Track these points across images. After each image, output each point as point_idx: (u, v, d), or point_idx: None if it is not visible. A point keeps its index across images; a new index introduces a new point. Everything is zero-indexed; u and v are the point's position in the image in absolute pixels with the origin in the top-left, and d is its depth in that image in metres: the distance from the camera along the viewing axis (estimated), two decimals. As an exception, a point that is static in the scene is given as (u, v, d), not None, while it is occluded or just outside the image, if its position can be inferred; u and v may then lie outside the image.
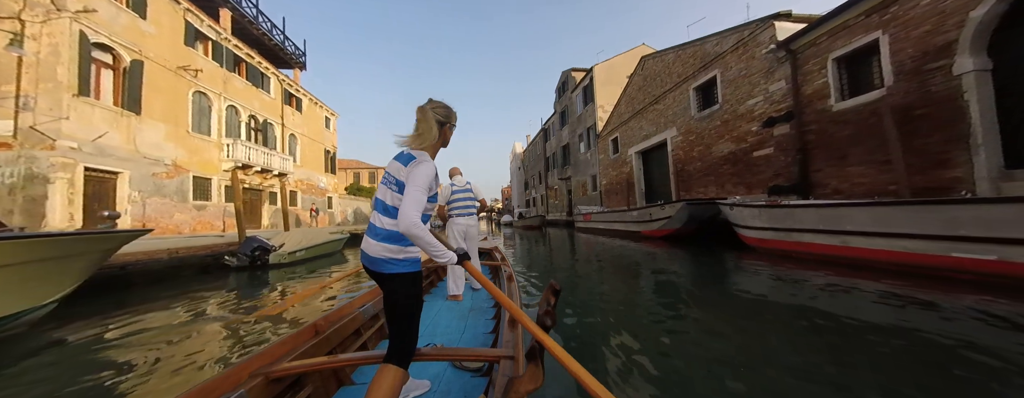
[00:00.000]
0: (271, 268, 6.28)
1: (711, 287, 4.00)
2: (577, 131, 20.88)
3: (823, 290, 3.36)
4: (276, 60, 16.76)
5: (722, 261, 5.45)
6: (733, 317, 2.82)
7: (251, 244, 6.14)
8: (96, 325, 3.24)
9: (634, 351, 2.13)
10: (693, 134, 9.61)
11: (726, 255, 5.81)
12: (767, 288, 3.67)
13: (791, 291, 3.44)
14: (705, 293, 3.74)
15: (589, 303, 3.47)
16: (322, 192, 19.84)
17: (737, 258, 5.43)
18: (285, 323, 3.01)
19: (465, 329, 2.18)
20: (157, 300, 4.24)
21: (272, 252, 6.33)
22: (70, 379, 2.06)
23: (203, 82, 11.35)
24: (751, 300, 3.28)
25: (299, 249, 6.86)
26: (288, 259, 6.44)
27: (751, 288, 3.77)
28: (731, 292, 3.71)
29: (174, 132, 10.26)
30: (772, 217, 4.99)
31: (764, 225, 5.20)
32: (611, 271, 5.47)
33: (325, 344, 1.62)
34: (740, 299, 3.38)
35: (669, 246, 7.47)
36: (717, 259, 5.67)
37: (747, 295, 3.48)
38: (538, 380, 1.01)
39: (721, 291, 3.78)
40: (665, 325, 2.65)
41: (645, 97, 12.33)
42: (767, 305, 3.09)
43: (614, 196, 15.57)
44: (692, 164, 9.64)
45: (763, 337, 2.34)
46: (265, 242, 6.33)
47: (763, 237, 5.35)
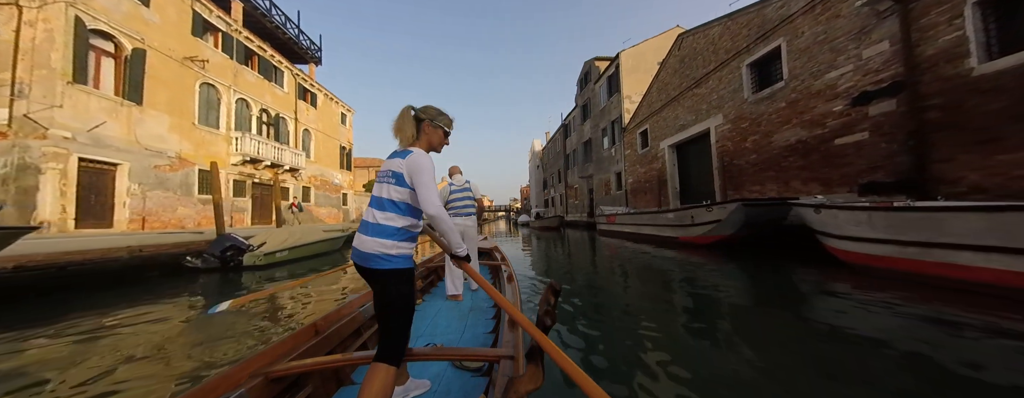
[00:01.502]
0: (245, 270, 5.50)
1: (788, 318, 2.75)
2: (600, 125, 19.29)
3: (1004, 348, 1.96)
4: (290, 54, 16.59)
5: (798, 281, 3.99)
6: (831, 368, 1.80)
7: (222, 243, 5.39)
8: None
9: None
10: (746, 121, 7.94)
11: (802, 273, 4.31)
12: (885, 329, 2.36)
13: (934, 340, 2.12)
14: (778, 325, 2.59)
15: (613, 326, 2.73)
16: (337, 189, 19.63)
17: (822, 279, 3.94)
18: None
19: (465, 329, 2.15)
20: (76, 311, 3.44)
21: (247, 252, 5.55)
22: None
23: (211, 74, 11.07)
24: (856, 344, 2.14)
25: (281, 249, 6.06)
26: (264, 260, 5.64)
27: (855, 325, 2.47)
28: (821, 329, 2.47)
29: (179, 124, 9.98)
30: (895, 225, 3.45)
31: (878, 236, 3.66)
32: (641, 285, 4.27)
33: (325, 344, 1.60)
34: (839, 341, 2.22)
35: (716, 256, 5.97)
36: (789, 278, 4.20)
37: (849, 335, 2.28)
38: (538, 380, 1.01)
39: (807, 327, 2.55)
40: (718, 368, 1.87)
41: (682, 81, 10.68)
42: (885, 354, 1.93)
43: (642, 195, 13.94)
44: (743, 157, 7.98)
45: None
46: (240, 241, 5.58)
47: (873, 252, 3.79)
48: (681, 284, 4.26)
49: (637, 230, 9.97)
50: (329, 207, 18.51)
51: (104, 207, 8.13)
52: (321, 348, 1.56)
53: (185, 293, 4.30)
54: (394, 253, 1.10)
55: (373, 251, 1.10)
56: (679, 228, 7.55)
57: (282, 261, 6.15)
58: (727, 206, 6.16)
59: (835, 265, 4.43)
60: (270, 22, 14.50)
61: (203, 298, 4.08)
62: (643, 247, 7.96)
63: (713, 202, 6.50)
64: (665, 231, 8.18)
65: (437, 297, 2.91)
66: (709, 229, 6.63)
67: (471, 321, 2.30)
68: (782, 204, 5.62)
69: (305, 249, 6.86)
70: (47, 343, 2.61)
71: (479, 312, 2.49)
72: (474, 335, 2.05)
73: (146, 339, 2.64)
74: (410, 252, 1.16)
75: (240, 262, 5.46)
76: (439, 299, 2.84)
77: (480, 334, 2.06)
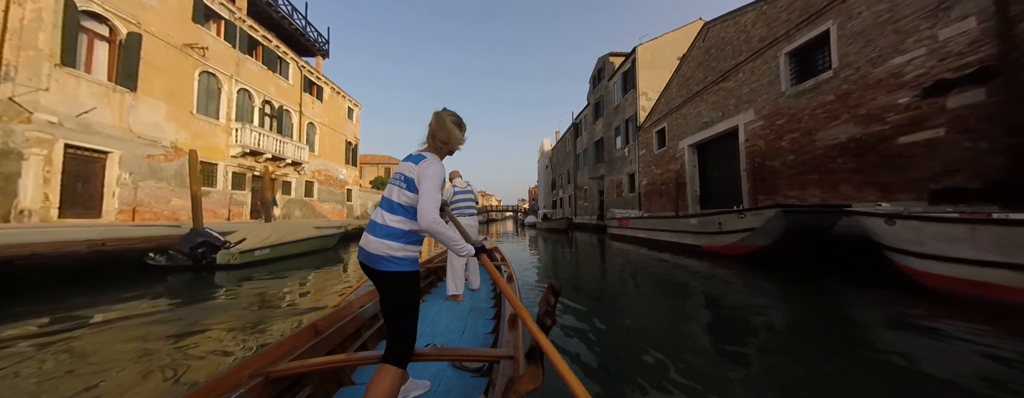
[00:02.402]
0: (219, 270, 4.98)
1: (856, 361, 2.00)
2: (613, 123, 18.43)
3: None
4: (297, 46, 16.30)
5: (861, 310, 3.20)
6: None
7: (194, 239, 4.89)
8: None
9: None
10: (782, 117, 7.06)
11: (866, 299, 3.49)
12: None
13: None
14: (840, 369, 1.86)
15: (627, 349, 2.37)
16: (341, 184, 19.33)
17: (899, 306, 3.13)
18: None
19: (465, 329, 2.15)
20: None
21: (223, 249, 5.03)
22: None
23: (212, 62, 10.75)
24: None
25: (261, 247, 5.53)
26: (239, 259, 5.11)
27: (956, 376, 1.71)
28: (901, 377, 1.76)
29: (176, 113, 9.66)
30: (1014, 242, 2.63)
31: (983, 257, 2.83)
32: (659, 300, 3.65)
33: (325, 344, 1.60)
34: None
35: (748, 271, 5.17)
36: (848, 304, 3.41)
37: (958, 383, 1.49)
38: (538, 380, 1.01)
39: (881, 373, 1.83)
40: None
41: (706, 75, 9.80)
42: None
43: (656, 198, 13.07)
44: (779, 158, 7.09)
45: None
46: (214, 237, 5.06)
47: (974, 277, 2.95)
48: (707, 302, 3.54)
49: (653, 236, 9.15)
50: (332, 203, 18.20)
51: (92, 196, 7.81)
52: (321, 348, 1.55)
53: (147, 295, 3.78)
54: (400, 255, 1.11)
55: (380, 252, 1.11)
56: (704, 236, 6.73)
57: (262, 260, 5.63)
58: (764, 212, 5.33)
59: (912, 290, 3.58)
60: (276, 12, 14.20)
61: (166, 300, 3.54)
62: (660, 255, 7.17)
63: (746, 207, 5.67)
64: (686, 238, 7.36)
65: (437, 297, 2.89)
66: (741, 238, 5.81)
67: (471, 321, 2.30)
68: (833, 212, 4.78)
69: (291, 247, 6.33)
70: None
71: (479, 312, 2.48)
72: (474, 335, 2.05)
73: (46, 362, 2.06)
74: (416, 255, 1.16)
75: (213, 260, 4.94)
76: (439, 299, 2.83)
77: (480, 334, 2.06)
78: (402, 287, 1.11)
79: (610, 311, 3.32)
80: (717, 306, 3.44)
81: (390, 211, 1.16)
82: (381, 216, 1.16)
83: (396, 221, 1.14)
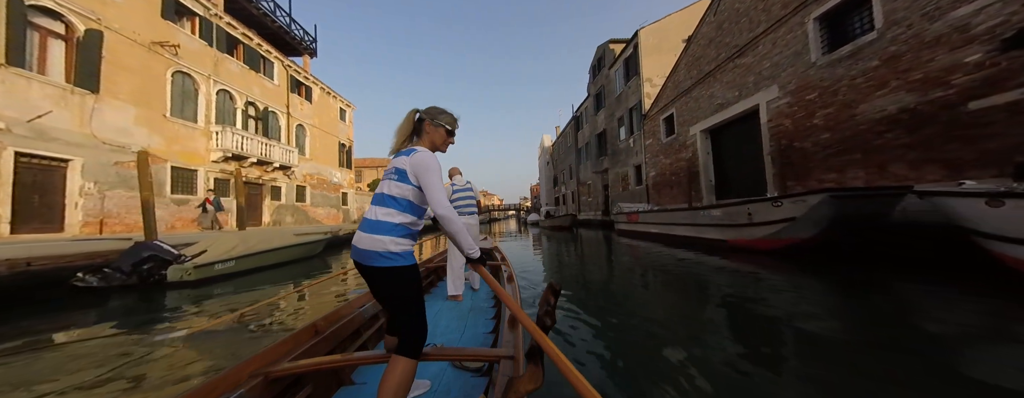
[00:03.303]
0: (171, 288, 4.27)
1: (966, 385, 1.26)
2: (616, 114, 17.59)
3: None
4: (282, 45, 15.62)
5: (949, 313, 2.42)
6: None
7: (138, 253, 4.18)
8: None
9: None
10: (813, 90, 6.23)
11: (953, 301, 2.71)
12: None
13: None
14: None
15: (649, 368, 1.89)
16: (336, 188, 18.67)
17: (1011, 315, 2.33)
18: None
19: (465, 329, 2.16)
20: None
21: (177, 263, 4.32)
22: None
23: (186, 61, 10.07)
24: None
25: (224, 260, 4.82)
26: (194, 275, 4.39)
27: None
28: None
29: (147, 116, 8.99)
30: None
31: None
32: (683, 309, 3.00)
33: (325, 344, 1.59)
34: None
35: (786, 268, 4.39)
36: (929, 306, 2.62)
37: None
38: (538, 380, 1.01)
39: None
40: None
41: (719, 52, 8.96)
42: None
43: (666, 190, 12.26)
44: (810, 137, 6.27)
45: None
46: (165, 250, 4.36)
47: None
48: (742, 310, 2.84)
49: (667, 230, 8.35)
50: (327, 207, 17.55)
51: (52, 209, 7.16)
52: (321, 348, 1.54)
53: (69, 325, 3.08)
54: (394, 250, 1.08)
55: (371, 248, 1.08)
56: (729, 229, 5.93)
57: (226, 274, 4.91)
58: (806, 199, 4.53)
59: (1012, 291, 2.77)
60: (256, 8, 13.51)
61: (85, 330, 2.82)
62: (677, 252, 6.38)
63: (783, 194, 4.86)
64: (708, 232, 6.56)
65: (437, 297, 2.89)
66: (776, 230, 5.01)
67: (471, 321, 2.29)
68: (895, 194, 3.97)
69: (263, 258, 5.61)
70: None
71: (479, 312, 2.47)
72: (474, 335, 2.04)
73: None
74: (410, 248, 1.13)
75: (163, 277, 4.23)
76: (439, 299, 2.82)
77: (480, 334, 2.06)
78: (399, 282, 1.08)
79: (625, 319, 2.70)
80: (756, 314, 2.70)
81: (381, 205, 1.14)
82: (372, 212, 1.14)
83: (386, 214, 1.11)
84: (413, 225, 1.14)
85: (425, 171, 1.10)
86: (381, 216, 1.11)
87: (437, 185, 1.10)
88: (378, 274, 1.08)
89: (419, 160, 1.12)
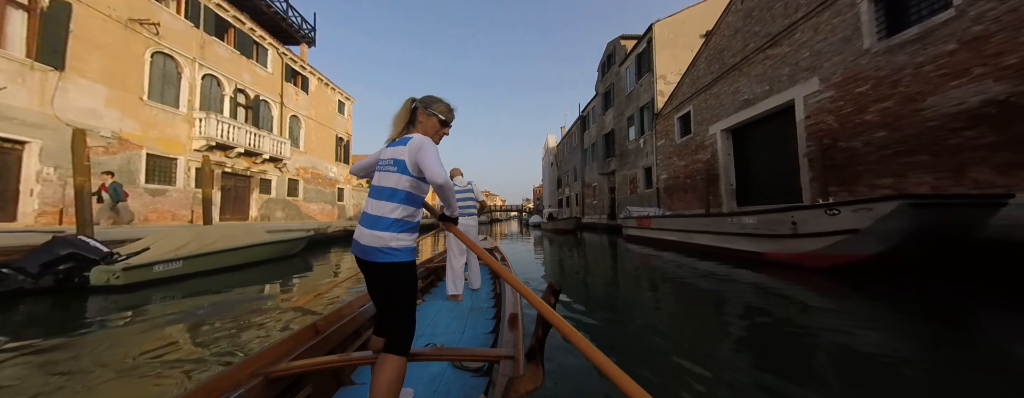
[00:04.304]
0: (96, 293, 3.51)
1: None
2: (626, 113, 16.77)
3: None
4: (278, 32, 14.96)
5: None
6: None
7: (54, 251, 3.42)
8: None
9: None
10: (865, 82, 5.40)
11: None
12: None
13: None
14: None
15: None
16: (331, 183, 17.97)
17: None
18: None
19: (465, 329, 2.15)
20: None
21: (105, 263, 3.56)
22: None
23: (169, 42, 9.39)
24: None
25: (168, 260, 4.05)
26: (125, 279, 3.61)
27: None
28: None
29: (121, 98, 8.30)
30: None
31: None
32: (719, 338, 2.25)
33: (325, 344, 1.59)
34: None
35: (842, 290, 3.57)
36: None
37: None
38: (538, 380, 1.01)
39: None
40: None
41: (747, 43, 8.14)
42: None
43: (679, 194, 11.42)
44: (861, 136, 5.43)
45: None
46: (91, 247, 3.60)
47: None
48: (796, 344, 2.05)
49: (686, 238, 7.52)
50: (321, 202, 16.84)
51: (3, 196, 6.46)
52: (321, 348, 1.53)
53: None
54: (395, 246, 1.09)
55: (373, 244, 1.09)
56: (767, 240, 5.09)
57: (171, 277, 4.14)
58: (874, 207, 3.69)
59: None
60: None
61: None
62: (699, 263, 5.56)
63: (842, 201, 4.02)
64: (737, 242, 5.72)
65: (437, 297, 2.88)
66: (831, 244, 4.16)
67: (471, 321, 2.28)
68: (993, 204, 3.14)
69: (222, 258, 4.84)
70: None
71: (479, 312, 2.46)
72: (474, 335, 2.04)
73: None
74: (412, 244, 1.14)
75: (85, 280, 3.47)
76: (439, 299, 2.81)
77: (480, 334, 2.05)
78: (400, 278, 1.09)
79: (640, 344, 1.93)
80: (814, 355, 1.89)
81: (379, 198, 1.13)
82: (371, 206, 1.14)
83: (387, 209, 1.11)
84: (412, 217, 1.15)
85: (420, 148, 1.10)
86: (380, 211, 1.12)
87: (434, 157, 1.10)
88: (379, 269, 1.10)
89: (415, 143, 1.12)
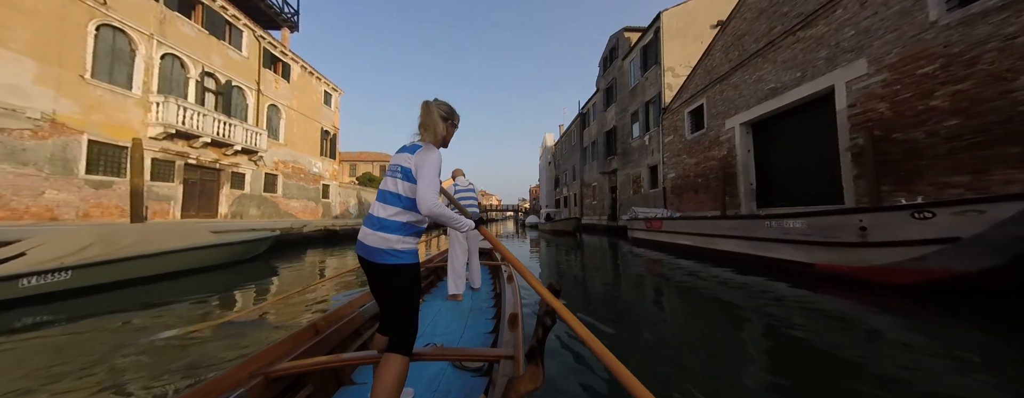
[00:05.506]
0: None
1: None
2: (629, 109, 15.93)
3: None
4: (255, 13, 13.82)
5: None
6: None
7: None
8: None
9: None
10: (931, 61, 4.54)
11: None
12: None
13: None
14: None
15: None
16: (316, 179, 16.83)
17: None
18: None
19: (465, 329, 2.16)
20: None
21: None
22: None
23: (120, 14, 8.25)
24: None
25: (49, 270, 3.01)
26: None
27: None
28: None
29: (56, 75, 7.16)
30: None
31: None
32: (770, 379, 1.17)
33: (325, 344, 1.60)
34: None
35: (937, 316, 2.66)
36: None
37: None
38: (538, 380, 1.01)
39: None
40: None
41: (773, 25, 7.29)
42: None
43: (689, 195, 10.56)
44: (923, 126, 4.58)
45: None
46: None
47: None
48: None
49: (706, 244, 6.62)
50: (303, 199, 15.70)
51: None
52: (321, 348, 1.55)
53: None
54: (400, 248, 1.12)
55: (378, 246, 1.12)
56: (820, 248, 4.18)
57: (51, 292, 3.09)
58: (989, 208, 2.79)
59: None
60: (225, -33, 11.69)
61: None
62: (724, 273, 4.66)
63: (937, 200, 3.12)
64: (778, 250, 4.82)
65: (437, 297, 2.89)
66: (919, 255, 3.26)
67: (471, 321, 2.30)
68: None
69: (139, 266, 3.78)
70: None
71: (479, 312, 2.48)
72: (474, 335, 2.05)
73: None
74: (415, 247, 1.18)
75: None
76: (439, 299, 2.82)
77: (480, 334, 2.06)
78: (403, 279, 1.12)
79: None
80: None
81: (388, 203, 1.17)
82: (378, 209, 1.18)
83: (393, 213, 1.15)
84: (419, 223, 1.18)
85: (423, 164, 1.14)
86: (387, 214, 1.15)
87: (430, 179, 1.13)
88: (382, 271, 1.12)
89: (423, 156, 1.16)
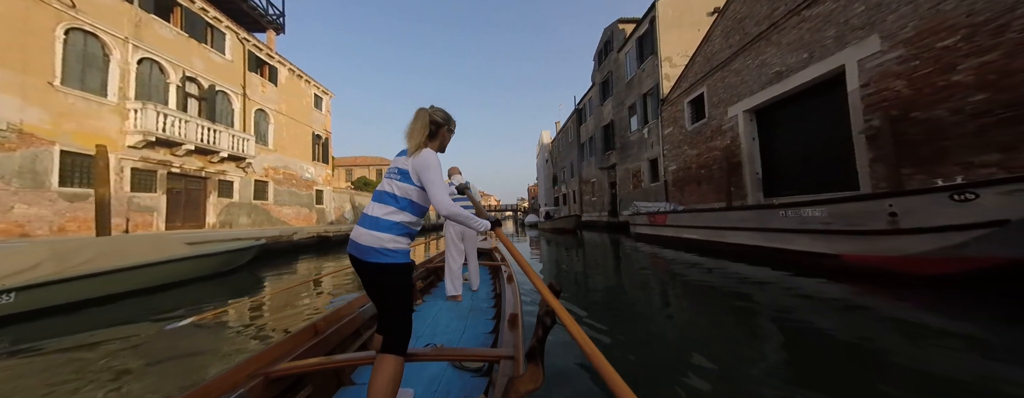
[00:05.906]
0: None
1: None
2: (626, 102, 15.61)
3: None
4: (238, 15, 13.40)
5: None
6: None
7: None
8: None
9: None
10: (953, 32, 4.23)
11: None
12: None
13: None
14: None
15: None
16: (308, 185, 16.44)
17: None
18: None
19: (465, 329, 2.16)
20: None
21: None
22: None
23: (90, 17, 7.86)
24: None
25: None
26: None
27: None
28: None
29: (22, 82, 6.77)
30: None
31: None
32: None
33: (324, 344, 1.60)
34: None
35: (975, 311, 2.34)
36: None
37: None
38: (538, 380, 1.01)
39: None
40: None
41: (776, 6, 6.98)
42: None
43: (692, 187, 10.27)
44: (946, 102, 4.28)
45: None
46: None
47: None
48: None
49: (715, 237, 6.32)
50: (296, 206, 15.32)
51: None
52: (321, 348, 1.55)
53: None
54: (391, 247, 1.12)
55: (370, 244, 1.12)
56: (845, 237, 3.87)
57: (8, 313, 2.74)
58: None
59: None
60: (203, -33, 11.28)
61: None
62: (737, 268, 4.36)
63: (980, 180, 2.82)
64: (796, 241, 4.51)
65: (437, 298, 2.89)
66: (959, 242, 2.95)
67: (471, 321, 2.29)
68: None
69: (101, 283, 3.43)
70: None
71: (479, 312, 2.48)
72: (474, 335, 2.05)
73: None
74: (407, 247, 1.18)
75: None
76: (439, 299, 2.82)
77: (480, 334, 2.06)
78: (394, 278, 1.11)
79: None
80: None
81: (381, 202, 1.18)
82: (372, 209, 1.17)
83: (387, 212, 1.15)
84: (413, 225, 1.19)
85: (426, 169, 1.14)
86: (381, 214, 1.15)
87: (438, 183, 1.14)
88: (374, 270, 1.12)
89: (422, 160, 1.15)
